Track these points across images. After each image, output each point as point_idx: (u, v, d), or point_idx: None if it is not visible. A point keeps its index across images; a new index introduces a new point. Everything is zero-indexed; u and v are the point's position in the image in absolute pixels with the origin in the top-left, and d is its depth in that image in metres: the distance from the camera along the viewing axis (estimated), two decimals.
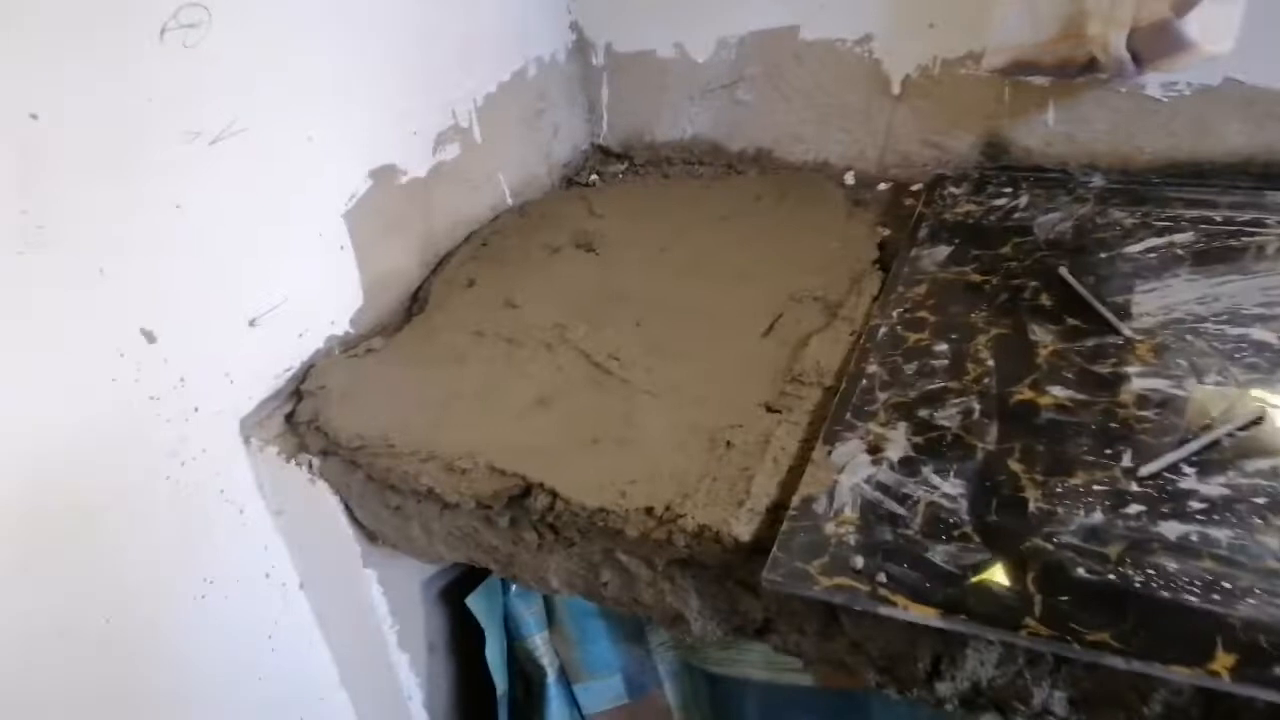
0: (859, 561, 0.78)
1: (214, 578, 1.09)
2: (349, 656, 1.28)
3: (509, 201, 1.53)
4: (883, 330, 1.08)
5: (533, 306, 1.24)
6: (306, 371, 1.16)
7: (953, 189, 1.38)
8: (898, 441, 0.91)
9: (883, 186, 1.49)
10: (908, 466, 0.87)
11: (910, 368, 1.01)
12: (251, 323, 1.10)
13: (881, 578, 0.76)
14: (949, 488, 0.84)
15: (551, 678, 1.29)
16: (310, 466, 1.08)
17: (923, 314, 1.10)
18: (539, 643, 1.27)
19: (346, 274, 1.23)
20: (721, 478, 0.90)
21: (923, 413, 0.94)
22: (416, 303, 1.33)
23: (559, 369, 1.11)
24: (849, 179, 1.52)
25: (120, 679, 1.01)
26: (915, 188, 1.47)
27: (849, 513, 0.83)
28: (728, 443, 0.95)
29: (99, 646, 0.98)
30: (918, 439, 0.91)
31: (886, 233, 1.34)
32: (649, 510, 0.89)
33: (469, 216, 1.45)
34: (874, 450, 0.90)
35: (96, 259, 0.91)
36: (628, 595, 0.96)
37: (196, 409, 1.04)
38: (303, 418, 1.09)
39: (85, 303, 0.91)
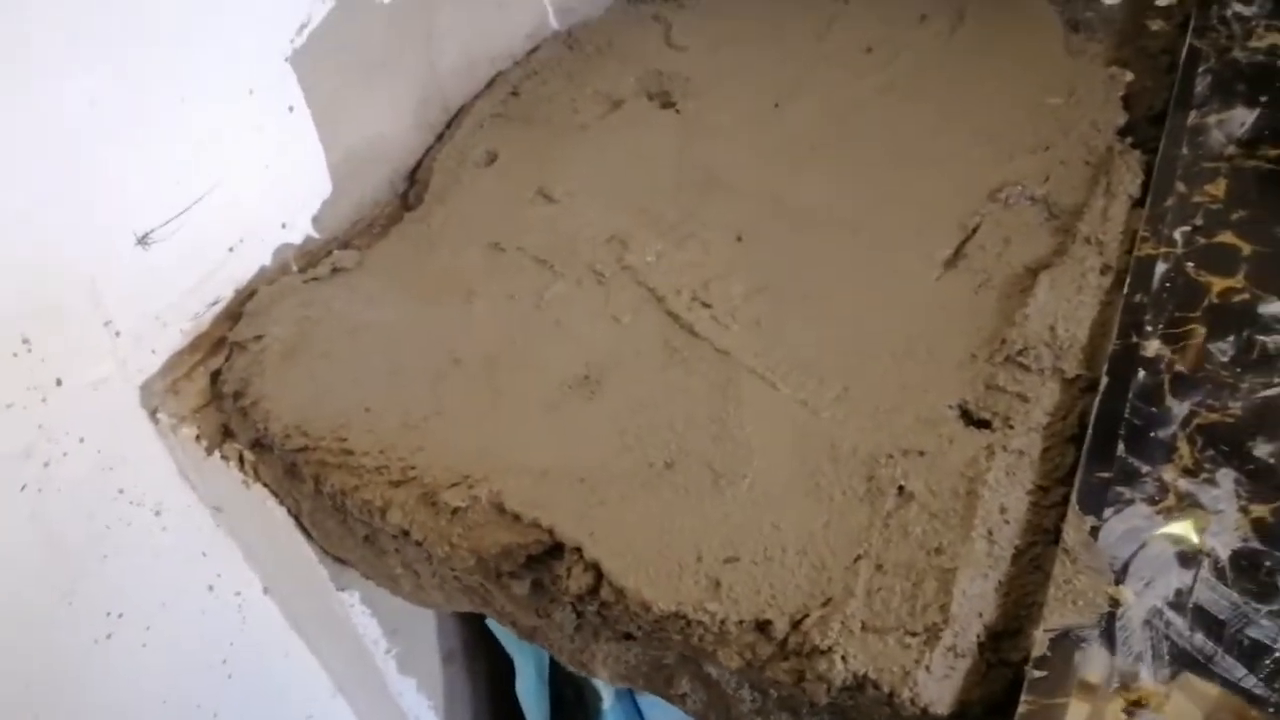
0: None
1: (123, 609, 0.76)
2: (341, 668, 0.96)
3: (552, 24, 1.07)
4: (1161, 268, 0.63)
5: (578, 201, 0.82)
6: (245, 302, 0.78)
7: (1240, 6, 0.87)
8: (1224, 511, 0.49)
9: (1112, 0, 0.98)
10: (1252, 573, 0.46)
11: (1225, 347, 0.57)
12: (143, 239, 0.71)
13: None
14: None
15: (608, 702, 0.96)
16: (241, 462, 0.72)
17: (1228, 237, 0.64)
18: None
19: (301, 149, 0.82)
20: (892, 567, 0.51)
21: (1264, 448, 0.52)
22: (414, 186, 0.92)
23: (614, 320, 0.70)
24: None
25: None
26: (1165, 2, 0.95)
27: (1150, 679, 0.43)
28: (900, 489, 0.54)
29: None
30: (1260, 508, 0.49)
31: (1130, 78, 0.85)
32: (762, 627, 0.50)
33: (493, 49, 1.00)
34: (1179, 532, 0.49)
35: None
36: (721, 714, 0.59)
37: (58, 382, 0.68)
38: (229, 386, 0.72)
39: None
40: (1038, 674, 0.44)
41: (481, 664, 1.01)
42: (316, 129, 0.82)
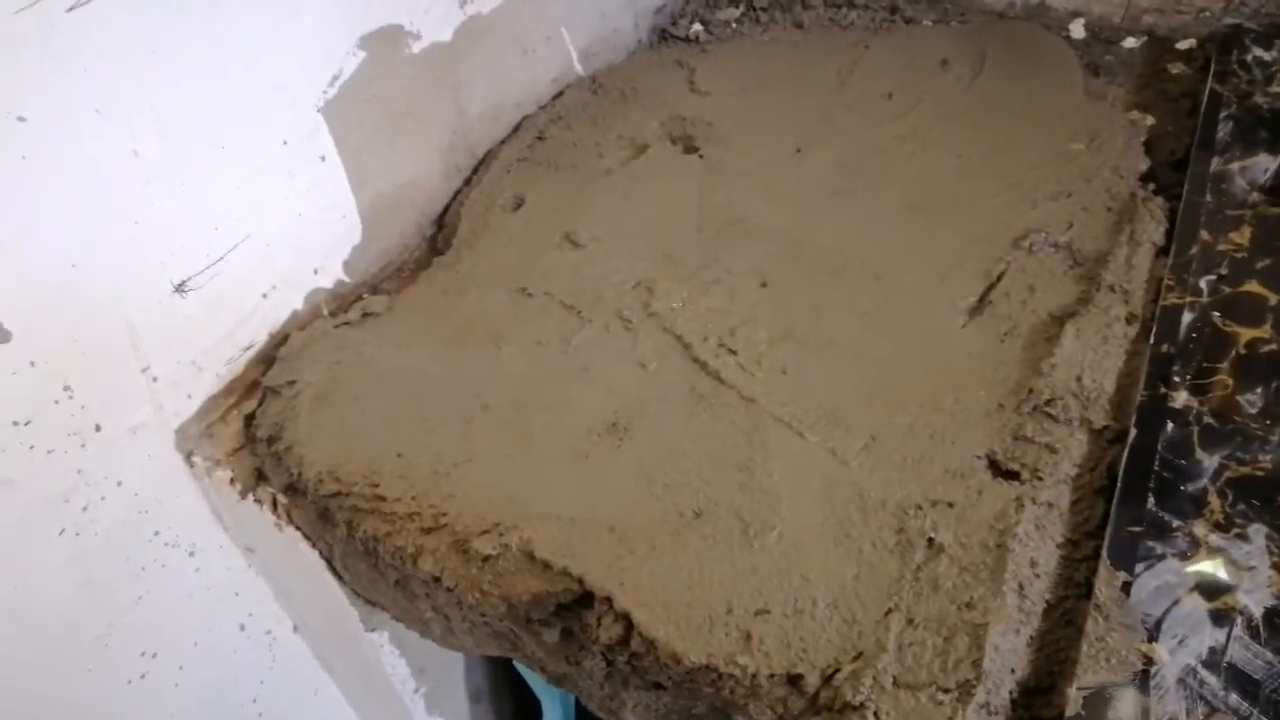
0: None
1: (156, 649, 0.77)
2: (369, 707, 0.97)
3: (577, 69, 1.09)
4: (1188, 317, 0.63)
5: (604, 246, 0.83)
6: (278, 346, 0.80)
7: (1260, 51, 0.88)
8: (1256, 569, 0.49)
9: (1131, 43, 0.99)
10: None
11: (1254, 399, 0.57)
12: (180, 287, 0.73)
13: None
14: None
15: None
16: (274, 506, 0.73)
17: (1254, 286, 0.65)
18: None
19: (332, 196, 0.84)
20: (924, 621, 0.51)
21: None
22: (442, 231, 0.93)
23: (641, 366, 0.71)
24: (1077, 30, 1.02)
25: None
26: (1184, 45, 0.97)
27: None
28: (930, 540, 0.55)
29: None
30: None
31: (1151, 123, 0.86)
32: (793, 681, 0.50)
33: (518, 95, 1.02)
34: (1210, 586, 0.49)
35: None
36: None
37: (98, 427, 0.69)
38: (263, 431, 0.73)
39: None
40: None
41: (508, 704, 1.01)
42: (347, 176, 0.84)
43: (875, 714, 0.47)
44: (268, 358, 0.79)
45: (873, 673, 0.49)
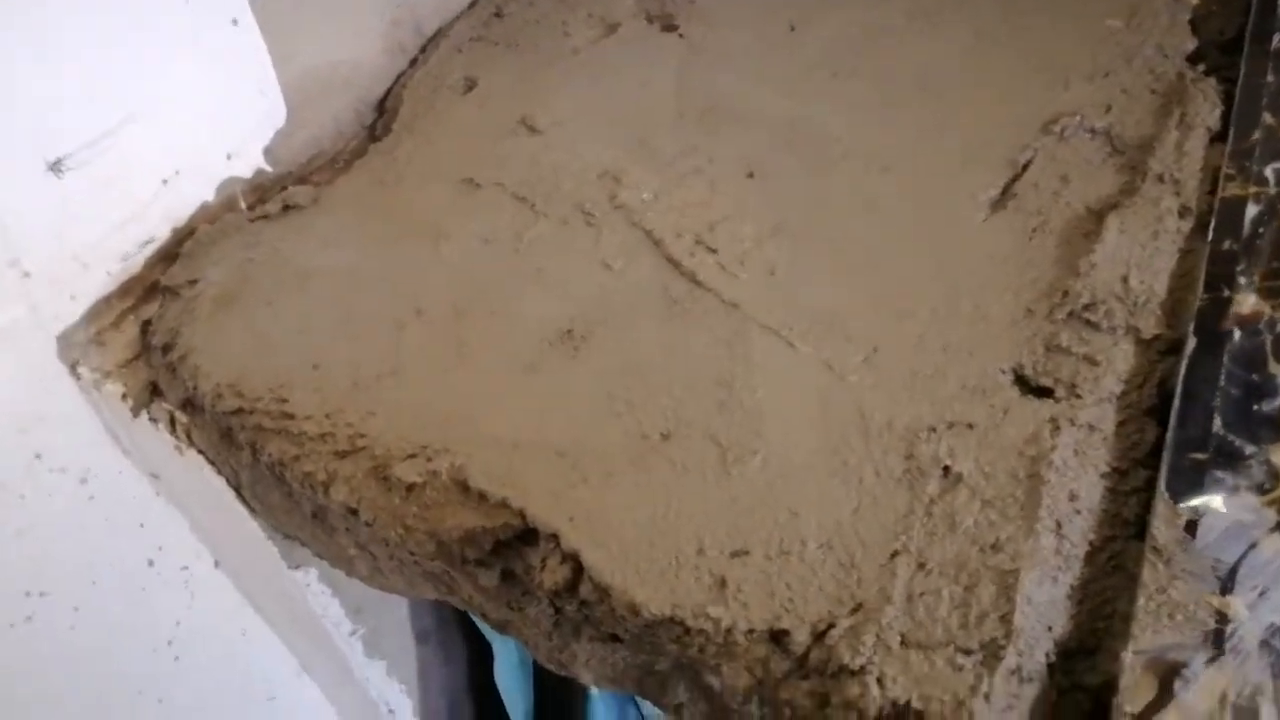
0: None
1: (45, 587, 0.67)
2: (304, 647, 0.88)
3: None
4: (1253, 210, 0.53)
5: (566, 131, 0.72)
6: (182, 242, 0.68)
7: None
8: None
9: None
10: None
11: None
12: (55, 165, 0.61)
13: None
14: None
15: (596, 688, 0.87)
16: (172, 425, 0.63)
17: None
18: None
19: (248, 69, 0.71)
20: (938, 566, 0.41)
21: None
22: (382, 117, 0.81)
23: (604, 266, 0.60)
24: None
25: None
26: None
27: (1273, 716, 0.34)
28: (945, 469, 0.45)
29: None
30: None
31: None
32: (776, 638, 0.41)
33: None
34: None
35: None
36: None
37: None
38: (158, 338, 0.62)
39: None
40: (1129, 708, 0.35)
41: (459, 644, 0.92)
42: (268, 46, 0.72)
43: (879, 680, 0.38)
44: (171, 255, 0.68)
45: (875, 629, 0.39)
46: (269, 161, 0.75)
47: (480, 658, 0.89)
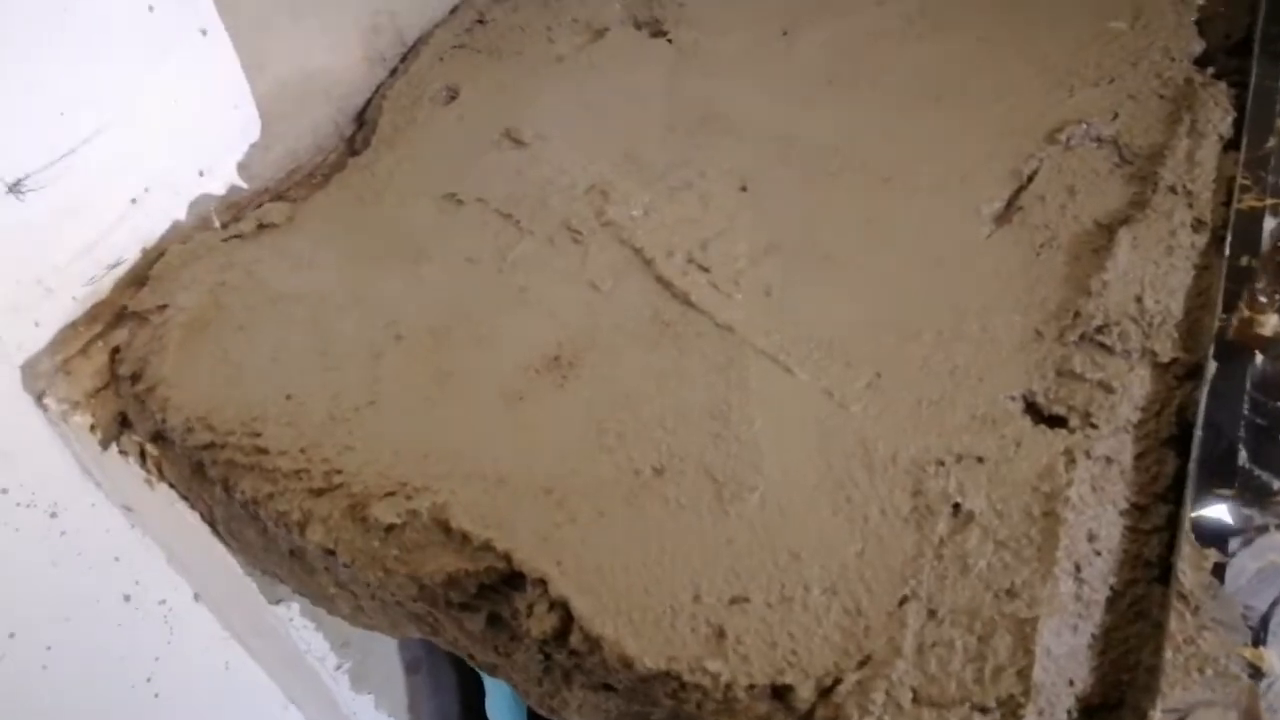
0: None
1: (13, 628, 0.65)
2: (289, 680, 0.85)
3: None
4: (1271, 224, 0.51)
5: (552, 144, 0.69)
6: (152, 266, 0.65)
7: None
8: None
9: None
10: None
11: None
12: (15, 186, 0.58)
13: None
14: None
15: None
16: (143, 458, 0.60)
17: None
18: None
19: (219, 81, 0.69)
20: (950, 614, 0.39)
21: None
22: (362, 129, 0.78)
23: (592, 287, 0.57)
24: None
25: None
26: None
27: None
28: (955, 506, 0.42)
29: None
30: None
31: (1202, 0, 0.72)
32: (779, 693, 0.38)
33: None
34: None
35: None
36: None
37: None
38: (125, 367, 0.60)
39: None
40: None
41: (449, 674, 0.90)
42: (238, 57, 0.69)
43: None
44: (141, 278, 0.65)
45: (885, 684, 0.37)
46: (243, 177, 0.72)
47: (471, 687, 0.86)
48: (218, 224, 0.70)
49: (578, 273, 0.59)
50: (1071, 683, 0.36)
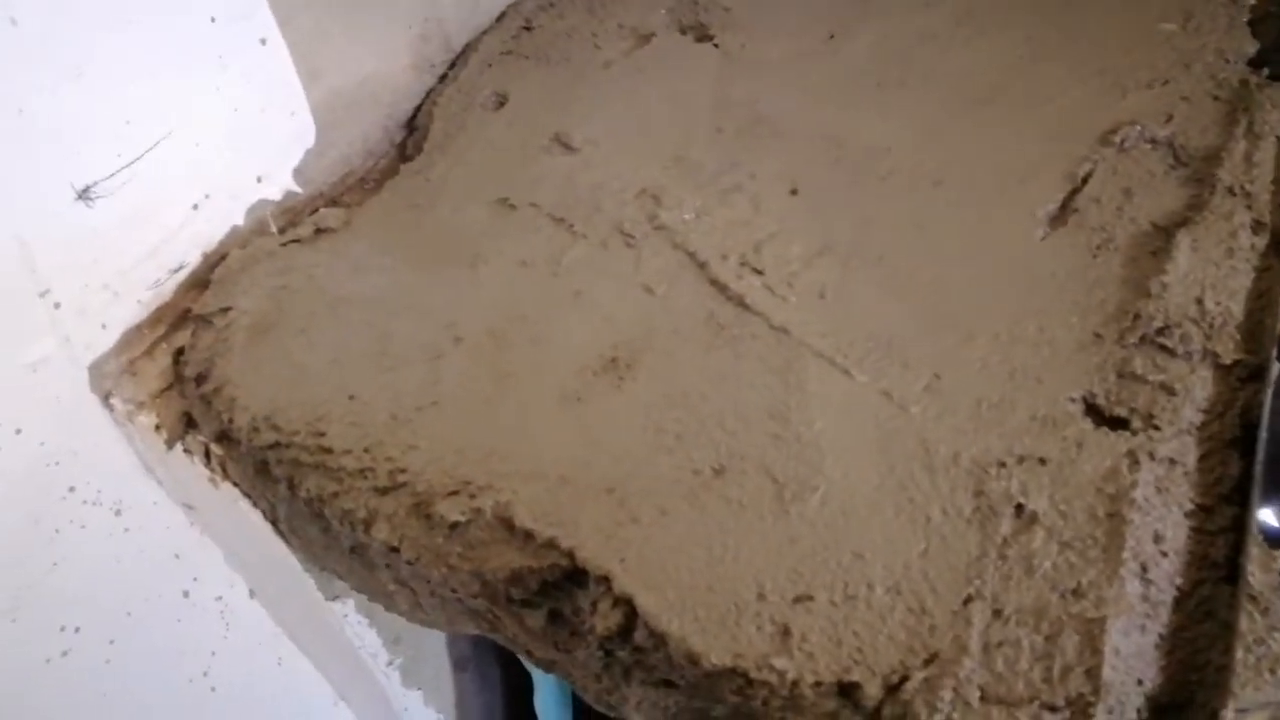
0: None
1: (79, 622, 0.66)
2: (340, 677, 0.86)
3: None
4: None
5: (602, 149, 0.70)
6: (214, 268, 0.67)
7: None
8: None
9: None
10: None
11: None
12: (84, 193, 0.59)
13: None
14: None
15: None
16: (207, 457, 0.62)
17: None
18: None
19: (277, 89, 0.70)
20: (1016, 613, 0.39)
21: None
22: (412, 135, 0.80)
23: (647, 290, 0.58)
24: None
25: None
26: None
27: None
28: (1019, 507, 0.43)
29: None
30: None
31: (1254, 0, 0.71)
32: (846, 691, 0.39)
33: None
34: None
35: None
36: None
37: None
38: (190, 369, 0.61)
39: None
40: None
41: (497, 672, 0.91)
42: (295, 66, 0.70)
43: None
44: (202, 281, 0.66)
45: (953, 682, 0.37)
46: (299, 183, 0.73)
47: (519, 685, 0.87)
48: (274, 229, 0.71)
49: (631, 276, 0.59)
50: (1140, 682, 0.37)
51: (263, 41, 0.68)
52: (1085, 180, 0.58)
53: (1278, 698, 0.34)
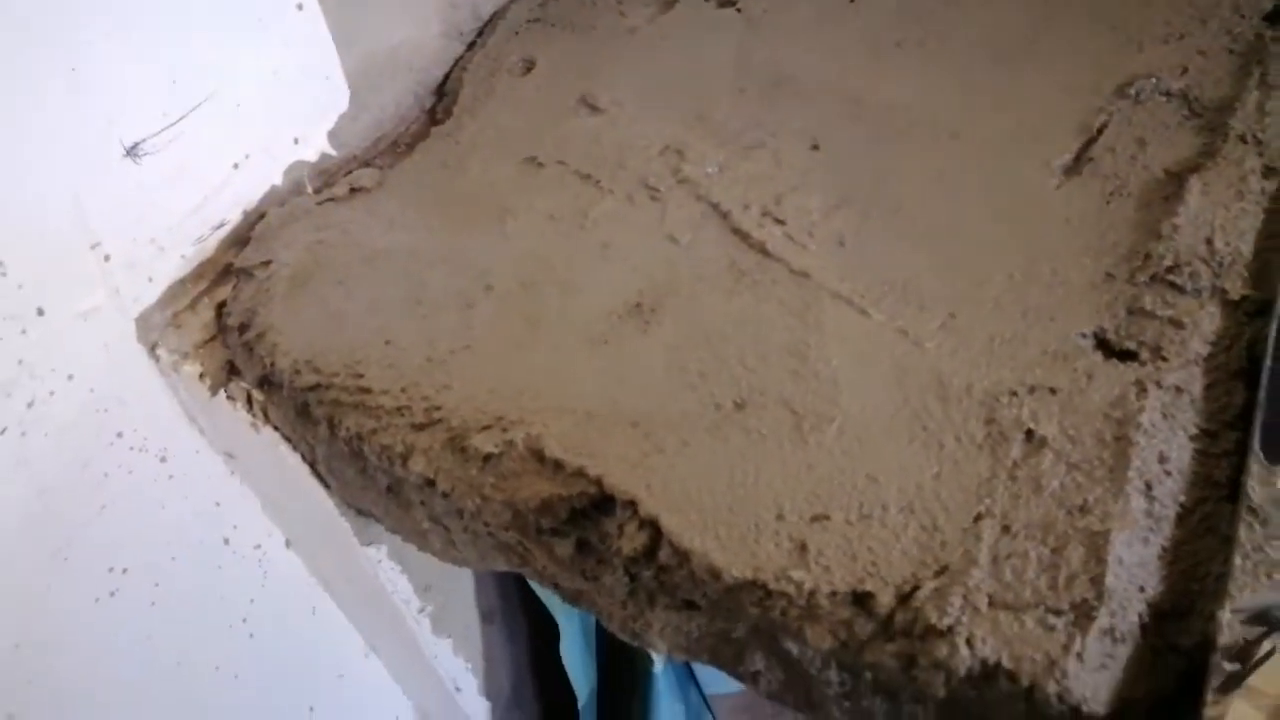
0: None
1: (127, 564, 0.69)
2: (371, 627, 0.89)
3: None
4: None
5: (627, 109, 0.72)
6: (254, 225, 0.69)
7: None
8: None
9: None
10: None
11: None
12: (132, 150, 0.62)
13: None
14: None
15: (659, 665, 0.88)
16: (249, 403, 0.64)
17: None
18: None
19: (313, 54, 0.72)
20: (1024, 529, 0.41)
21: None
22: (442, 100, 0.82)
23: (671, 240, 0.60)
24: None
25: None
26: None
27: None
28: (1029, 433, 0.44)
29: None
30: None
31: None
32: (860, 600, 0.41)
33: None
34: None
35: None
36: (800, 697, 0.50)
37: (40, 311, 0.60)
38: (234, 319, 0.64)
39: None
40: (1230, 666, 0.34)
41: (523, 622, 0.93)
42: (331, 32, 0.73)
43: (968, 640, 0.37)
44: (242, 238, 0.69)
45: (962, 590, 0.39)
46: (333, 145, 0.76)
47: (545, 636, 0.90)
48: (310, 189, 0.74)
49: (656, 227, 0.61)
50: (1142, 589, 0.38)
51: (300, 7, 0.70)
52: (1100, 131, 0.59)
53: (1276, 600, 0.36)
